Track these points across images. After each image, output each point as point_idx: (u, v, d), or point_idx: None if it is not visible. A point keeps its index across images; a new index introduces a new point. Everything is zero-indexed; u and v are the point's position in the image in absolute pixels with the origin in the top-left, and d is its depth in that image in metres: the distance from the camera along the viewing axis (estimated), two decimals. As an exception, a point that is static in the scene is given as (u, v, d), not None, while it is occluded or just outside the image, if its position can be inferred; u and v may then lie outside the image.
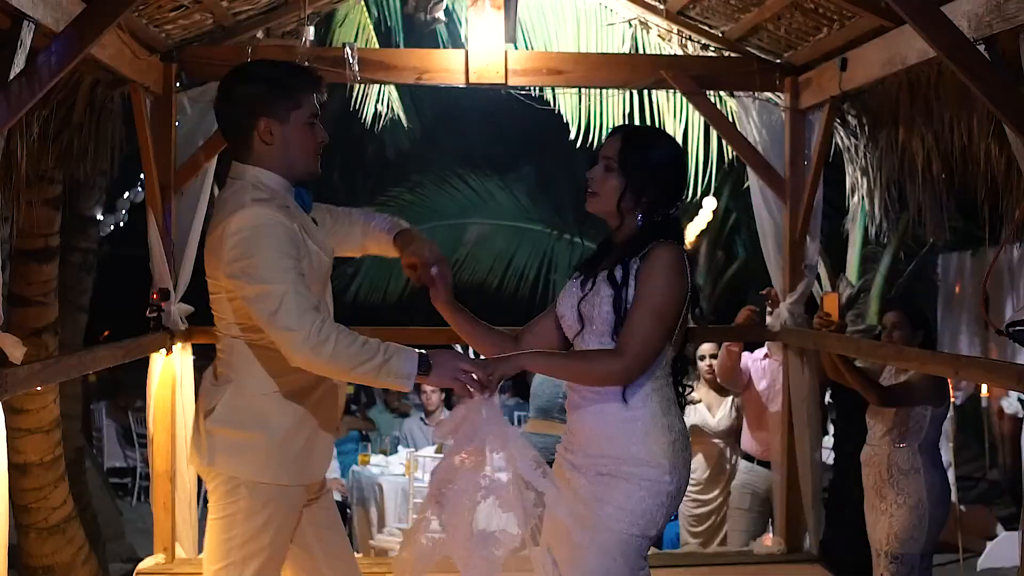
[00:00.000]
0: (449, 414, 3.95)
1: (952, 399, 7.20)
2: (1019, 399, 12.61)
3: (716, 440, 8.29)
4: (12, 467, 5.19)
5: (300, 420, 3.96)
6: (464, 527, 3.69)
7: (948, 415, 6.64)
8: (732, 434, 8.24)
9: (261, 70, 4.01)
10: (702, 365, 8.48)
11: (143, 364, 6.69)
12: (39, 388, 6.59)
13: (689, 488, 8.40)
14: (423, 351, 3.73)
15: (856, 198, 7.42)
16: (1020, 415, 12.43)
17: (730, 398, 8.29)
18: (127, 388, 14.48)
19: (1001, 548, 9.95)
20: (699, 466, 8.34)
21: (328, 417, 4.07)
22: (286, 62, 4.21)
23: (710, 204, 12.36)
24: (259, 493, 3.91)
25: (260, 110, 3.87)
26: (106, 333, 11.97)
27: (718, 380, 8.11)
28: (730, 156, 8.07)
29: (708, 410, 8.35)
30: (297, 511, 4.03)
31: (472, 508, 3.68)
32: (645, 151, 3.88)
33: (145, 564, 6.69)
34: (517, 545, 3.68)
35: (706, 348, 8.42)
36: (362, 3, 8.40)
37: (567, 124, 7.72)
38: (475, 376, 3.69)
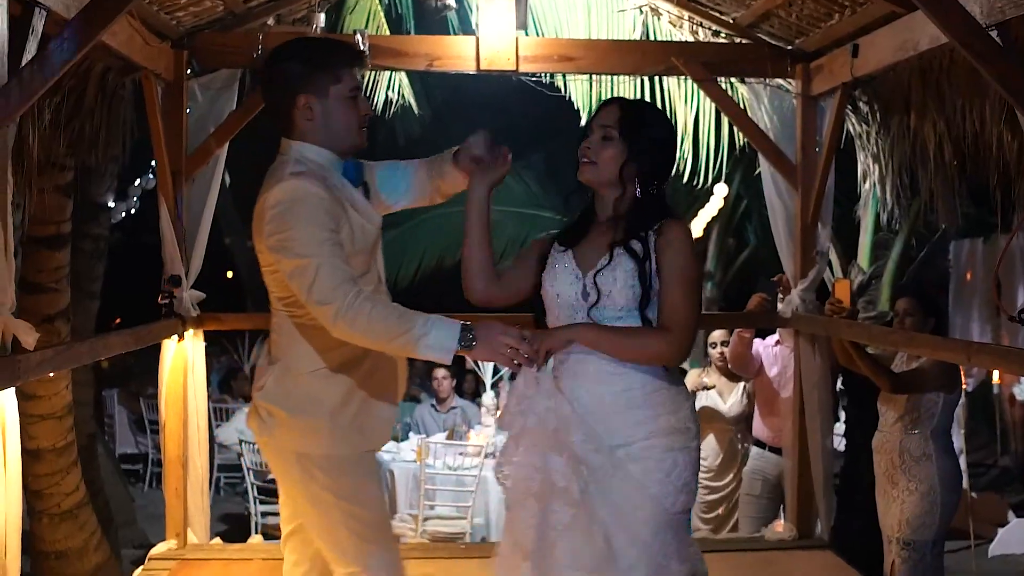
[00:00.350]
0: (506, 395, 3.91)
1: (964, 386, 7.19)
2: (1031, 386, 12.62)
3: (728, 426, 8.29)
4: (25, 453, 5.18)
5: (349, 394, 3.97)
6: (528, 509, 3.68)
7: (960, 402, 6.63)
8: (743, 420, 8.24)
9: (298, 48, 4.04)
10: (713, 352, 8.48)
11: (155, 351, 6.71)
12: (51, 374, 6.61)
13: (701, 474, 8.43)
14: (466, 323, 3.67)
15: (868, 185, 7.41)
16: (1032, 402, 12.43)
17: (742, 384, 8.28)
18: (139, 375, 14.53)
19: (1012, 534, 9.95)
20: (711, 452, 8.34)
21: (383, 387, 4.05)
22: (326, 38, 4.23)
23: (721, 191, 12.35)
24: (329, 466, 3.96)
25: (298, 87, 3.90)
26: (117, 321, 12.01)
27: (729, 366, 8.11)
28: (741, 143, 8.07)
29: (720, 396, 8.35)
30: (374, 473, 4.10)
31: (530, 492, 3.68)
32: (644, 120, 3.87)
33: (158, 550, 6.71)
34: (567, 522, 3.64)
35: (717, 335, 8.42)
36: (373, -10, 8.40)
37: (578, 111, 7.70)
38: (522, 350, 3.64)
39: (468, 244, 4.07)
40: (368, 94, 8.13)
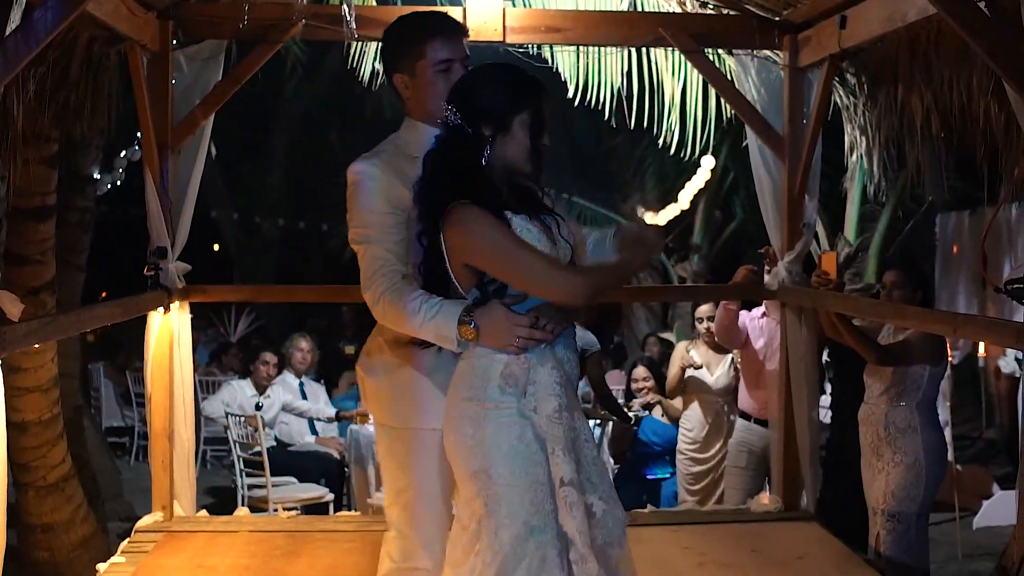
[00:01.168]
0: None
1: (950, 358, 7.21)
2: (1016, 358, 12.64)
3: (714, 398, 8.32)
4: (11, 425, 5.19)
5: (403, 365, 4.01)
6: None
7: (946, 374, 6.65)
8: (730, 392, 8.27)
9: (388, 29, 4.10)
10: (700, 327, 8.51)
11: (141, 323, 6.70)
12: (37, 346, 6.59)
13: (687, 446, 8.46)
14: (469, 307, 3.63)
15: (855, 157, 7.41)
16: (1017, 375, 12.46)
17: (728, 357, 8.31)
18: (125, 348, 14.51)
19: (997, 507, 9.99)
20: (697, 424, 8.38)
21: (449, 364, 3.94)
22: (415, 14, 4.19)
23: (708, 163, 12.37)
24: (384, 434, 4.15)
25: (392, 68, 4.03)
26: (103, 295, 11.99)
27: (716, 339, 8.13)
28: (728, 115, 8.04)
29: (707, 369, 8.37)
30: (430, 452, 3.98)
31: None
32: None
33: (144, 522, 6.71)
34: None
35: (704, 310, 8.46)
36: (359, -40, 8.35)
37: (565, 82, 7.68)
38: (532, 335, 3.58)
39: None
40: (355, 66, 8.10)
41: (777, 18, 6.91)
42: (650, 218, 15.24)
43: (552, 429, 3.60)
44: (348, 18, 6.54)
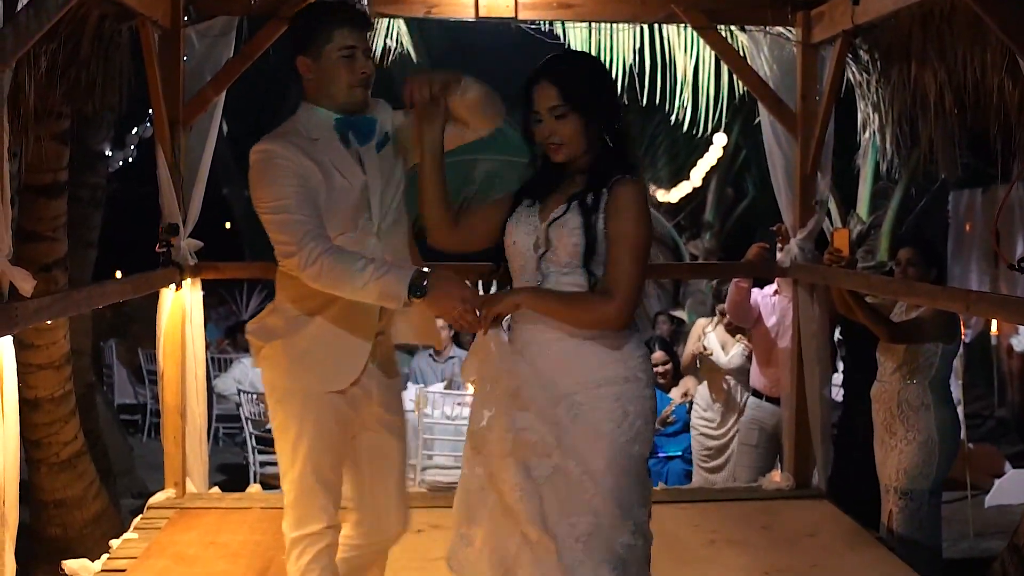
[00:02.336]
0: (467, 354, 3.92)
1: (963, 336, 7.19)
2: (1029, 337, 12.62)
3: (727, 376, 8.31)
4: (23, 402, 5.18)
5: (305, 329, 4.12)
6: (508, 469, 3.70)
7: (958, 352, 6.63)
8: (743, 372, 8.26)
9: (299, 12, 4.31)
10: (719, 310, 8.53)
11: (153, 301, 6.71)
12: (49, 322, 6.60)
13: (701, 423, 8.46)
14: (425, 271, 3.76)
15: (867, 134, 7.39)
16: (1029, 353, 12.44)
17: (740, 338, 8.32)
18: (137, 324, 14.52)
19: (1009, 485, 9.99)
20: (710, 402, 8.38)
21: (359, 326, 4.12)
22: (323, 1, 4.26)
23: (720, 140, 12.35)
24: (288, 399, 4.18)
25: (296, 49, 4.10)
26: (117, 274, 12.00)
27: (727, 316, 8.12)
28: (741, 91, 8.03)
29: (721, 348, 8.37)
30: (329, 415, 4.14)
31: (507, 450, 3.70)
32: (580, 81, 3.77)
33: (156, 499, 6.74)
34: (548, 473, 3.67)
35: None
36: (371, -64, 8.33)
37: (577, 59, 7.65)
38: (468, 316, 3.70)
39: (420, 188, 4.09)
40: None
41: (790, -6, 6.89)
42: (662, 195, 15.24)
43: None
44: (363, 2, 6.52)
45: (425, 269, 3.77)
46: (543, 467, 3.67)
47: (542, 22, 7.22)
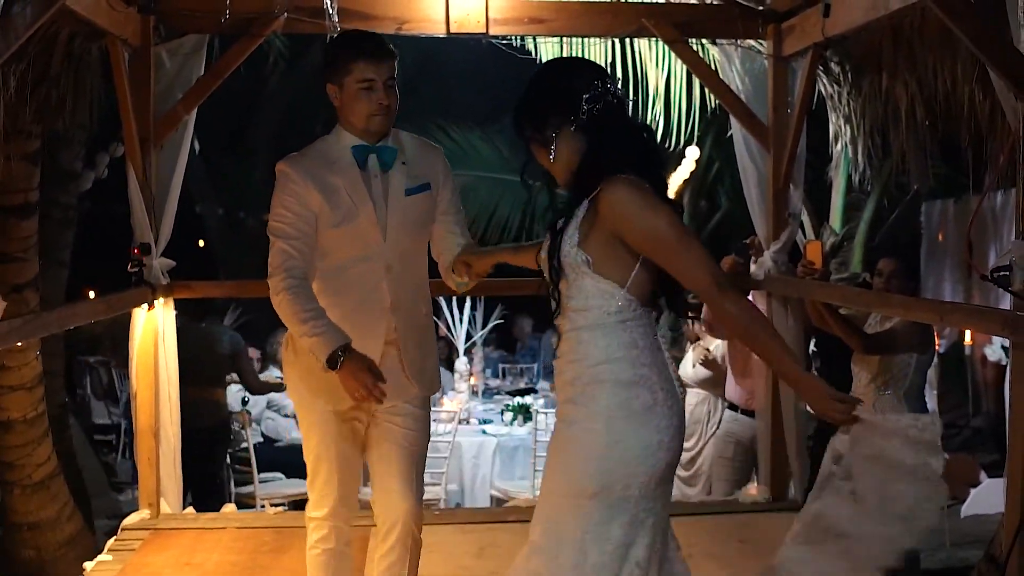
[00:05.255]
0: None
1: (936, 347, 7.20)
2: (1002, 346, 12.64)
3: (697, 389, 8.33)
4: (-5, 424, 5.16)
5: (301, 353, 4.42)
6: None
7: (932, 363, 6.64)
8: (712, 383, 8.27)
9: (327, 44, 4.67)
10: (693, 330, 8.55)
11: (127, 321, 6.68)
12: (20, 344, 6.56)
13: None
14: (345, 347, 4.06)
15: (839, 146, 7.42)
16: (1003, 362, 12.44)
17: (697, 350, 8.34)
18: (110, 345, 14.44)
19: (985, 495, 9.98)
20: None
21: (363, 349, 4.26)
22: (353, 32, 4.73)
23: (693, 153, 12.33)
24: (300, 410, 4.68)
25: (326, 77, 4.39)
26: (88, 291, 11.92)
27: (704, 329, 8.13)
28: (713, 105, 8.05)
29: (691, 365, 8.39)
30: (333, 428, 4.56)
31: None
32: (528, 109, 3.68)
33: (130, 520, 6.70)
34: None
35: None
36: (341, -47, 8.32)
37: (549, 74, 7.65)
38: (366, 396, 4.06)
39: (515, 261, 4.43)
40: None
41: (761, 7, 6.91)
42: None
43: None
44: (330, 10, 6.52)
45: (347, 345, 4.07)
46: None
47: (514, 37, 7.23)
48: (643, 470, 3.47)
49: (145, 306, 6.61)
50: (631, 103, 3.68)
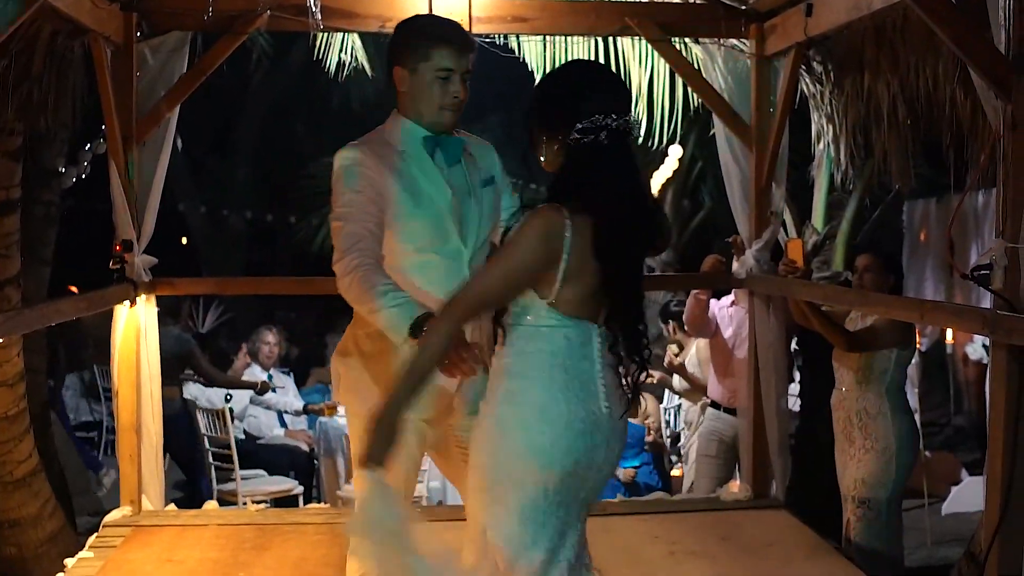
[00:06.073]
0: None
1: (918, 344, 7.23)
2: (983, 345, 12.68)
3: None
4: (-24, 421, 5.15)
5: (380, 357, 4.14)
6: None
7: (913, 360, 6.67)
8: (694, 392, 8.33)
9: (405, 21, 4.33)
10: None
11: (108, 318, 6.67)
12: (1, 341, 6.55)
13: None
14: (427, 316, 3.64)
15: (822, 145, 7.43)
16: (984, 361, 12.48)
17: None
18: (92, 342, 14.41)
19: (965, 493, 10.03)
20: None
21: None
22: (434, 17, 4.50)
23: (675, 152, 12.34)
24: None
25: (394, 59, 4.14)
26: (73, 289, 11.90)
27: (686, 328, 8.15)
28: (695, 104, 8.05)
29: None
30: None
31: None
32: (540, 99, 3.75)
33: (112, 517, 6.70)
34: None
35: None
36: (325, -50, 8.32)
37: (532, 73, 7.67)
38: (464, 363, 3.59)
39: None
40: (321, 57, 8.08)
41: (743, 7, 6.92)
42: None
43: None
44: (313, 8, 6.51)
45: (430, 313, 3.66)
46: None
47: (497, 35, 7.22)
48: (535, 468, 3.50)
49: (127, 303, 6.60)
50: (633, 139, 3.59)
